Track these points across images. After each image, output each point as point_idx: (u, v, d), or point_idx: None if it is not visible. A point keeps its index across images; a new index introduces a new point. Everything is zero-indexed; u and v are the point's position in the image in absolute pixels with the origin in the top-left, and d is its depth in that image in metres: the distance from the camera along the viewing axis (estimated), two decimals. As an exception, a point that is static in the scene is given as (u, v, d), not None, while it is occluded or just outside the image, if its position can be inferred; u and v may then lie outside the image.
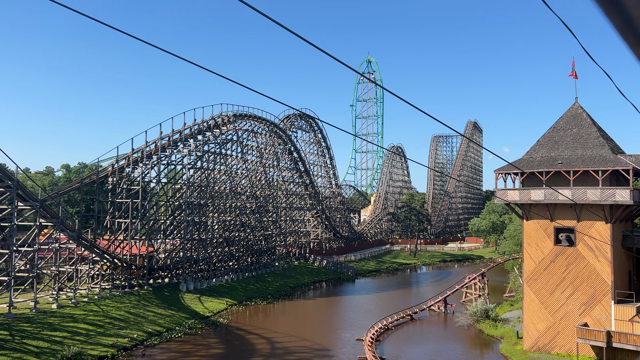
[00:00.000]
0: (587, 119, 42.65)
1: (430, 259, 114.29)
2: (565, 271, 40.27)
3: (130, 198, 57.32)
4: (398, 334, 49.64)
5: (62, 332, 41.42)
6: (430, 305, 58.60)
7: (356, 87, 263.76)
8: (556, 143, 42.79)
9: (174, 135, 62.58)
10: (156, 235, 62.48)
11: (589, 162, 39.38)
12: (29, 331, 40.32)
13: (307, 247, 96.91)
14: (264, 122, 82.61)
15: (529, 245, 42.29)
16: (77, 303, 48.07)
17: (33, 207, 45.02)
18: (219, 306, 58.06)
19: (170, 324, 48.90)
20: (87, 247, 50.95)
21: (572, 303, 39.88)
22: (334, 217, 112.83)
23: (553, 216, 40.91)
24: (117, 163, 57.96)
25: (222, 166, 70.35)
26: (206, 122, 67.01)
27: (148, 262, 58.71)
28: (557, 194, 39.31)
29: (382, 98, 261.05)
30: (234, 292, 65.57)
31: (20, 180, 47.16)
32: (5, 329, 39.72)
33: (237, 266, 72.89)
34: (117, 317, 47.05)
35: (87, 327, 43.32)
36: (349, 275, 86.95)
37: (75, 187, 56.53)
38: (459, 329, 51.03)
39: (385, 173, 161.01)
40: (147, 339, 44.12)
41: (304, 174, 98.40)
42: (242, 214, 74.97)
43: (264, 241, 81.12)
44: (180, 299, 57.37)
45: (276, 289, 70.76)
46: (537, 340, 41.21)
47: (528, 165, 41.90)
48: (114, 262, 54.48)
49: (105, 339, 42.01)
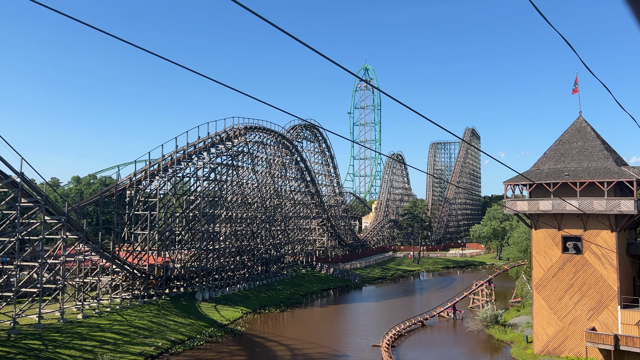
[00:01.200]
0: (592, 132, 44.78)
1: (433, 265, 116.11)
2: (573, 278, 42.22)
3: (148, 210, 59.03)
4: (411, 339, 51.43)
5: (92, 342, 43.02)
6: (440, 311, 60.40)
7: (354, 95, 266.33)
8: (562, 155, 44.85)
9: (189, 149, 64.41)
10: (172, 246, 64.10)
11: (594, 174, 41.45)
12: (60, 341, 41.91)
13: (313, 255, 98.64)
14: (272, 134, 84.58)
15: (537, 253, 44.23)
16: (100, 313, 49.66)
17: (59, 221, 46.69)
18: (234, 314, 59.70)
19: (192, 333, 50.53)
20: (109, 258, 52.57)
21: (580, 308, 41.80)
22: (339, 225, 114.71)
23: (560, 225, 42.90)
24: (135, 176, 59.71)
25: (233, 178, 72.18)
26: (219, 135, 68.91)
27: (164, 272, 60.33)
28: (564, 204, 41.37)
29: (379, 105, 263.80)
30: (247, 300, 67.23)
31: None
32: (37, 339, 41.31)
33: (248, 275, 74.54)
34: (141, 326, 48.67)
35: (114, 336, 44.94)
36: (355, 282, 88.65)
37: (95, 199, 58.21)
38: (469, 334, 52.85)
39: (386, 180, 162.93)
40: (171, 347, 45.74)
41: (310, 183, 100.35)
42: (253, 223, 76.73)
43: (273, 250, 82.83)
44: (198, 308, 58.98)
45: (287, 297, 72.44)
46: (547, 344, 43.07)
47: (536, 176, 43.93)
48: (133, 272, 56.11)
49: (132, 348, 43.63)
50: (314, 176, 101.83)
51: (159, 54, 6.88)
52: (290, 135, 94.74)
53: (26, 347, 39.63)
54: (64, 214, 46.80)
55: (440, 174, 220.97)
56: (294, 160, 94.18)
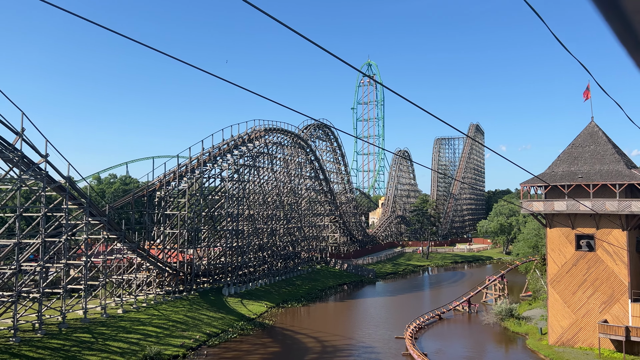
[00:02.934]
0: (603, 136, 47.58)
1: (442, 260, 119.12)
2: (586, 274, 45.13)
3: (178, 210, 61.95)
4: (431, 332, 54.43)
5: (136, 335, 46.03)
6: (456, 305, 63.38)
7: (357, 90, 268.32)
8: (575, 159, 47.66)
9: (214, 151, 67.29)
10: (198, 244, 67.06)
11: (606, 176, 44.28)
12: (107, 334, 44.92)
13: (327, 251, 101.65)
14: (289, 135, 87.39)
15: (552, 251, 47.12)
16: (138, 308, 52.68)
17: (101, 222, 49.61)
18: (260, 309, 62.72)
19: (224, 326, 53.54)
20: (144, 256, 55.54)
21: (592, 302, 44.73)
22: (350, 221, 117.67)
23: (574, 224, 45.76)
24: (165, 178, 62.59)
25: (254, 178, 75.08)
26: (241, 137, 71.77)
27: (193, 268, 63.30)
28: (578, 205, 44.20)
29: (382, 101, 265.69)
30: (270, 295, 70.27)
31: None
32: (86, 332, 44.33)
33: (268, 271, 77.54)
34: (178, 320, 51.69)
35: (155, 330, 47.97)
36: (369, 278, 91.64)
37: (128, 199, 61.16)
38: (485, 326, 55.85)
39: (393, 177, 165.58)
40: (207, 340, 48.76)
41: (323, 181, 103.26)
42: (272, 221, 79.68)
43: (290, 246, 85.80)
44: (225, 303, 62.00)
45: (306, 292, 75.49)
46: (562, 336, 46.03)
47: (551, 178, 46.76)
48: (164, 269, 59.09)
49: (173, 340, 46.65)
50: (327, 174, 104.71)
51: (179, 58, 7.16)
52: (304, 134, 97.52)
53: (78, 339, 42.64)
54: (104, 215, 49.74)
55: (444, 169, 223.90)
56: (308, 160, 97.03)
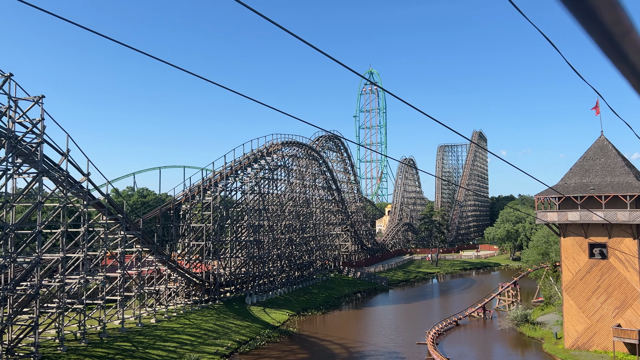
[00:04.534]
0: (613, 150, 50.17)
1: (451, 267, 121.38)
2: (599, 280, 47.55)
3: (203, 222, 64.47)
4: (450, 337, 56.76)
5: (172, 343, 48.42)
6: (471, 312, 65.71)
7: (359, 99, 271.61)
8: (587, 171, 50.23)
9: (235, 165, 69.93)
10: (222, 254, 69.53)
11: (617, 188, 46.81)
12: (145, 342, 47.32)
13: (340, 259, 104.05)
14: (303, 147, 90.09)
15: (566, 259, 49.57)
16: (169, 317, 55.07)
17: (136, 235, 52.14)
18: (282, 317, 65.05)
19: (251, 334, 55.87)
20: (173, 268, 58.00)
21: (606, 307, 47.12)
22: (360, 230, 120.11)
23: (587, 234, 48.25)
24: (190, 192, 65.16)
25: (273, 190, 77.68)
26: (260, 151, 74.48)
27: (217, 278, 65.70)
28: (591, 215, 46.68)
29: (384, 108, 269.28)
30: (289, 303, 72.59)
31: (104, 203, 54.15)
32: (125, 340, 46.74)
33: (287, 280, 79.93)
34: (208, 329, 54.06)
35: (189, 338, 50.35)
36: (382, 285, 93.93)
37: (155, 213, 63.70)
38: (501, 332, 58.20)
39: (399, 185, 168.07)
40: (238, 347, 51.10)
41: (335, 191, 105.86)
42: (289, 231, 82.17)
43: (306, 255, 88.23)
44: (249, 311, 64.35)
45: (323, 300, 77.81)
46: (577, 340, 48.38)
47: (564, 190, 49.27)
48: (192, 280, 61.51)
49: (207, 348, 49.01)
50: (339, 185, 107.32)
51: (193, 72, 7.17)
52: (316, 145, 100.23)
53: (120, 348, 45.05)
54: (139, 229, 52.25)
55: (448, 176, 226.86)
56: (321, 171, 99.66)
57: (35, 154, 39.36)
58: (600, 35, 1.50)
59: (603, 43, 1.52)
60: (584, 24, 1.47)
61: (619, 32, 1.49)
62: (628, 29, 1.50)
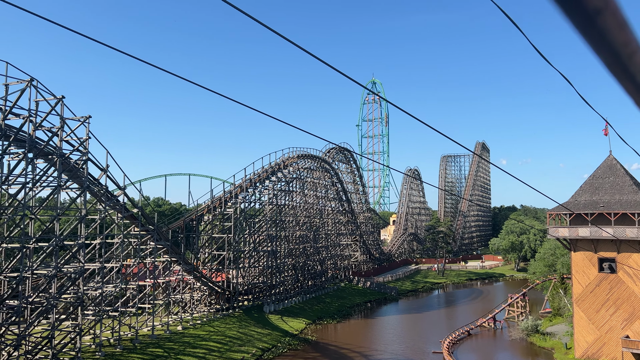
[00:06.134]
0: (621, 169, 52.79)
1: (457, 277, 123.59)
2: (608, 293, 49.97)
3: (224, 232, 66.95)
4: (463, 347, 59.05)
5: (201, 349, 50.73)
6: (482, 322, 68.00)
7: (362, 108, 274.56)
8: (596, 189, 52.81)
9: (254, 177, 72.55)
10: (241, 264, 71.95)
11: (626, 205, 49.35)
12: (176, 349, 49.63)
13: (350, 269, 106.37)
14: (317, 160, 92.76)
15: (577, 272, 52.01)
16: (194, 325, 57.39)
17: (165, 246, 54.58)
18: (299, 325, 67.30)
19: (273, 341, 58.14)
20: (198, 277, 60.39)
21: (615, 319, 49.51)
22: (369, 240, 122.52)
23: (597, 249, 50.73)
24: (212, 203, 67.67)
25: (289, 202, 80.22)
26: (277, 164, 77.12)
27: (237, 287, 68.05)
28: (600, 231, 49.18)
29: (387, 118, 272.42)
30: (305, 312, 74.86)
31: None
32: (157, 347, 49.07)
33: (300, 289, 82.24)
34: (233, 336, 56.37)
35: (216, 345, 52.67)
36: (392, 295, 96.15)
37: (179, 223, 66.18)
38: (512, 342, 60.49)
39: (405, 195, 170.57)
40: (262, 355, 53.38)
41: (345, 202, 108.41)
42: (304, 242, 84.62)
43: (318, 265, 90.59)
44: (268, 319, 66.63)
45: (337, 309, 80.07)
46: (587, 350, 50.72)
47: (575, 207, 51.81)
48: (214, 289, 63.87)
49: (233, 354, 51.31)
50: (349, 196, 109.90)
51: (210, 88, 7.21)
52: (327, 157, 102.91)
53: (153, 354, 47.38)
54: (168, 240, 54.70)
55: (451, 186, 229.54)
56: (332, 182, 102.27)
57: (81, 170, 41.88)
58: (608, 55, 1.53)
59: (610, 62, 1.56)
60: (593, 44, 1.50)
61: (627, 52, 1.53)
62: (636, 49, 1.53)
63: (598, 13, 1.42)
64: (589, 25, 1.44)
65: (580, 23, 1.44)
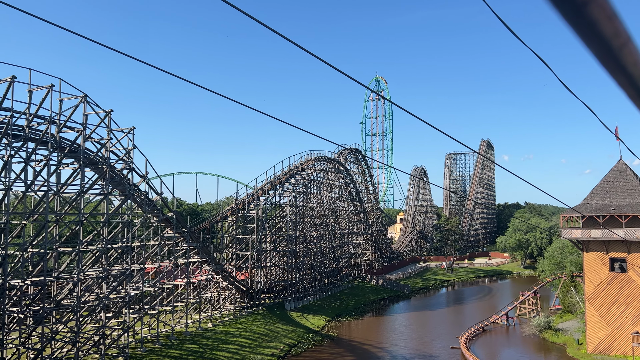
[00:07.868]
0: (631, 173, 55.49)
1: (465, 275, 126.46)
2: (619, 292, 52.75)
3: (248, 233, 69.82)
4: (479, 342, 61.91)
5: (233, 345, 53.65)
6: (496, 319, 70.85)
7: (365, 105, 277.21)
8: (607, 193, 55.52)
9: (274, 180, 75.43)
10: (264, 263, 74.88)
11: (636, 208, 52.08)
12: (209, 345, 52.53)
13: (362, 267, 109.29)
14: (331, 162, 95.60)
15: (589, 272, 54.78)
16: (223, 322, 60.29)
17: (196, 247, 57.42)
18: (320, 322, 70.18)
19: (297, 338, 61.04)
20: (225, 276, 63.27)
21: (625, 316, 52.30)
22: (379, 238, 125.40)
23: (608, 249, 53.49)
24: (235, 205, 70.52)
25: (307, 203, 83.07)
26: (296, 167, 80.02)
27: (260, 286, 70.94)
28: (612, 233, 51.91)
29: (391, 115, 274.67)
30: (323, 309, 77.78)
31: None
32: (192, 343, 51.96)
33: (318, 287, 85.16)
34: (261, 333, 59.27)
35: (246, 341, 55.57)
36: (405, 293, 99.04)
37: (205, 225, 69.06)
38: (526, 337, 63.33)
39: (412, 193, 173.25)
40: (290, 350, 56.27)
41: (358, 202, 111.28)
42: (320, 241, 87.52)
43: (334, 264, 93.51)
44: (290, 317, 69.53)
45: (353, 306, 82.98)
46: (598, 345, 53.54)
47: (587, 210, 54.55)
48: (240, 287, 66.77)
49: (263, 350, 54.20)
50: (362, 196, 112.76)
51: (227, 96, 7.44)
52: (340, 158, 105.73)
53: (190, 350, 50.28)
54: (199, 242, 57.56)
55: (456, 184, 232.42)
56: (345, 183, 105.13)
57: (126, 179, 44.71)
58: (599, 47, 1.51)
59: (601, 55, 1.54)
60: (583, 37, 1.48)
61: (617, 44, 1.50)
62: (626, 41, 1.52)
63: (586, 4, 1.43)
64: (577, 17, 1.45)
65: (568, 14, 1.44)
